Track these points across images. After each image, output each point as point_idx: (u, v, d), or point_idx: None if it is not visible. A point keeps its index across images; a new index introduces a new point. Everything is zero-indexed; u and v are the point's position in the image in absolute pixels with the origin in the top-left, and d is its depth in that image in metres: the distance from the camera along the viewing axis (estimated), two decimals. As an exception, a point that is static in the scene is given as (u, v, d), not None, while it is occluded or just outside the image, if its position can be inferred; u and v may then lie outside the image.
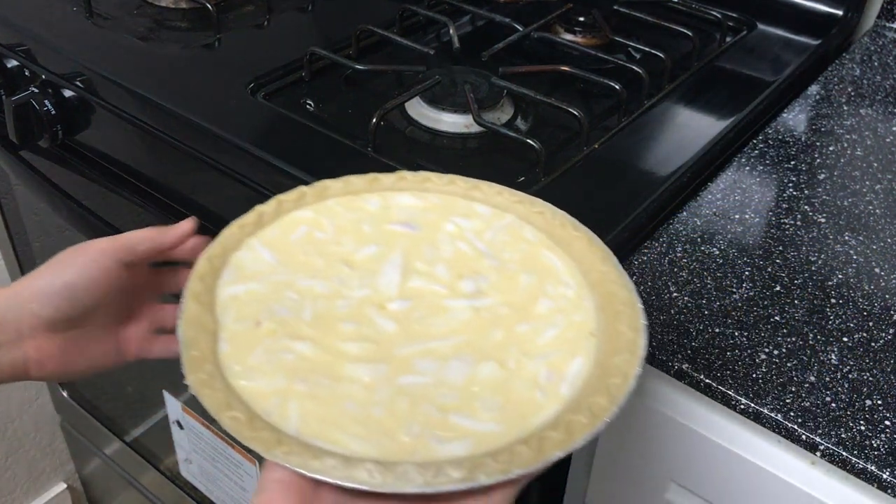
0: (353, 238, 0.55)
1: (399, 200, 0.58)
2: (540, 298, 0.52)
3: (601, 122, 0.86)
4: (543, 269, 0.54)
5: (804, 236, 0.72)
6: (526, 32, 0.96)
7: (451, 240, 0.55)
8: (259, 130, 0.80)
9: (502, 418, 0.45)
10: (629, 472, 0.71)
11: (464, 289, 0.52)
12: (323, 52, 0.89)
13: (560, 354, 0.48)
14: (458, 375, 0.47)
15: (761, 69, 0.94)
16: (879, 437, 0.55)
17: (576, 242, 0.55)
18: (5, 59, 0.96)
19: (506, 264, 0.54)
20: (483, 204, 0.58)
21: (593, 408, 0.44)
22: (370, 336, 0.49)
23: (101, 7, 1.00)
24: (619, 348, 0.48)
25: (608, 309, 0.51)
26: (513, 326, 0.50)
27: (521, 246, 0.55)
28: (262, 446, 0.42)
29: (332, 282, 0.52)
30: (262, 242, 0.54)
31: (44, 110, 0.91)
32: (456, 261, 0.53)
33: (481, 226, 0.57)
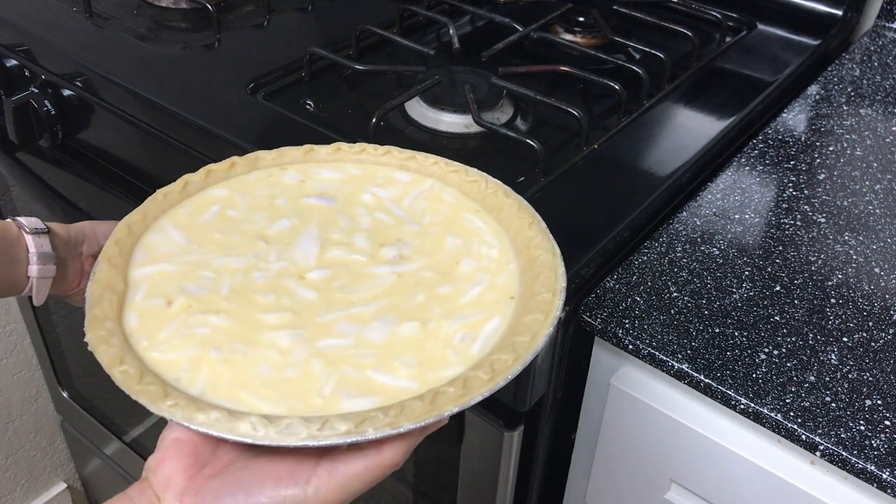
0: (266, 214, 0.55)
1: (319, 174, 0.58)
2: (464, 259, 0.53)
3: (601, 122, 0.86)
4: (467, 230, 0.55)
5: (804, 236, 0.72)
6: (526, 32, 0.96)
7: (368, 210, 0.56)
8: (259, 130, 0.80)
9: (419, 375, 0.45)
10: (629, 472, 0.71)
11: (385, 256, 0.52)
12: (323, 53, 0.89)
13: (478, 316, 0.49)
14: (379, 335, 0.48)
15: (761, 69, 0.94)
16: (879, 437, 0.55)
17: (506, 209, 0.56)
18: (5, 59, 0.96)
19: (427, 228, 0.55)
20: (415, 174, 0.59)
21: (495, 365, 0.45)
22: (290, 306, 0.49)
23: (101, 7, 1.00)
24: (533, 308, 0.48)
25: (529, 272, 0.51)
26: (435, 288, 0.51)
27: (441, 208, 0.57)
28: (147, 399, 0.43)
29: (249, 257, 0.52)
30: (173, 224, 0.55)
31: (44, 110, 0.91)
32: (375, 230, 0.54)
33: (399, 193, 0.57)
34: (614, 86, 0.84)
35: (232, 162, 0.59)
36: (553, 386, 0.69)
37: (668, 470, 0.67)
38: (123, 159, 0.93)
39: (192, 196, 0.57)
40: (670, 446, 0.66)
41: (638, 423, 0.68)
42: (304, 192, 0.57)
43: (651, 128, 0.83)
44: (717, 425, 0.62)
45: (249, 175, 0.58)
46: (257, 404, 0.43)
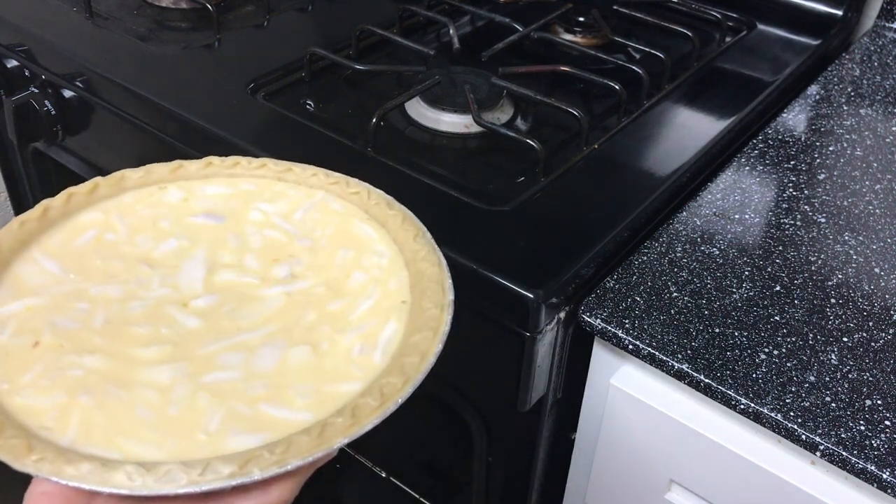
0: (150, 236, 0.52)
1: (203, 190, 0.55)
2: (354, 272, 0.51)
3: (601, 122, 0.86)
4: (358, 240, 0.53)
5: (804, 236, 0.72)
6: (526, 32, 0.96)
7: (258, 228, 0.53)
8: (259, 130, 0.80)
9: (317, 404, 0.43)
10: (629, 472, 0.71)
11: (277, 275, 0.50)
12: (323, 53, 0.89)
13: (374, 323, 0.48)
14: (268, 363, 0.45)
15: (761, 69, 0.94)
16: (879, 437, 0.55)
17: (390, 220, 0.55)
18: (5, 59, 0.96)
19: (318, 242, 0.53)
20: (296, 185, 0.57)
21: (385, 389, 0.43)
22: (169, 337, 0.46)
23: (101, 7, 1.00)
24: (421, 326, 0.47)
25: (417, 287, 0.50)
26: (326, 306, 0.49)
27: (332, 220, 0.55)
28: (10, 455, 0.39)
29: (129, 284, 0.49)
30: (44, 253, 0.51)
31: (44, 110, 0.91)
32: (266, 248, 0.52)
33: (288, 207, 0.55)
34: (614, 86, 0.84)
35: (94, 184, 0.55)
36: (553, 386, 0.69)
37: (668, 470, 0.67)
38: (124, 159, 0.93)
39: (56, 223, 0.53)
40: (670, 446, 0.66)
41: (638, 423, 0.68)
42: (189, 211, 0.54)
43: (651, 128, 0.83)
44: (717, 425, 0.62)
45: (124, 196, 0.55)
46: (138, 450, 0.41)
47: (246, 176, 0.57)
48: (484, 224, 0.69)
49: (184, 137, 0.81)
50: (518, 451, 0.75)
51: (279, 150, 0.76)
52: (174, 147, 0.82)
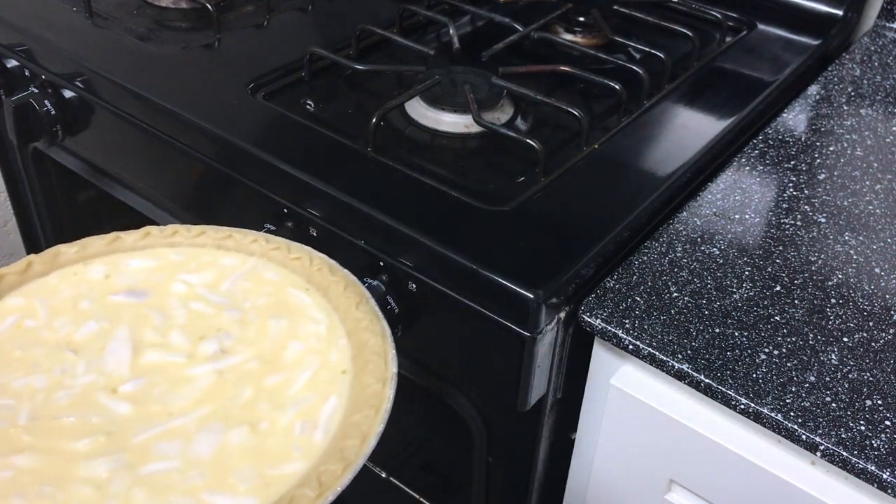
0: (69, 318, 0.49)
1: (127, 264, 0.52)
2: (290, 343, 0.49)
3: (601, 122, 0.86)
4: (293, 309, 0.51)
5: (804, 236, 0.72)
6: (526, 32, 0.96)
7: (182, 302, 0.50)
8: (259, 130, 0.80)
9: (260, 487, 0.41)
10: (629, 472, 0.71)
11: (205, 352, 0.48)
12: (323, 53, 0.89)
13: (314, 398, 0.45)
14: (206, 450, 0.43)
15: (761, 69, 0.94)
16: (879, 437, 0.55)
17: (332, 287, 0.53)
18: (5, 59, 0.96)
19: (248, 314, 0.50)
20: (234, 252, 0.54)
21: (323, 477, 0.41)
22: (100, 426, 0.43)
23: (101, 7, 1.00)
24: (362, 403, 0.45)
25: (359, 358, 0.48)
26: (262, 381, 0.46)
27: (264, 289, 0.52)
28: None
29: (54, 373, 0.46)
30: None
31: (44, 110, 0.91)
32: (192, 323, 0.49)
33: (215, 277, 0.52)
34: (614, 86, 0.84)
35: (28, 262, 0.52)
36: (553, 386, 0.69)
37: (668, 470, 0.67)
38: (123, 159, 0.93)
39: None
40: (670, 446, 0.66)
41: (638, 423, 0.68)
42: (110, 289, 0.51)
43: (651, 128, 0.83)
44: (717, 425, 0.62)
45: (50, 277, 0.52)
46: None
47: (185, 245, 0.55)
48: (484, 224, 0.69)
49: (184, 137, 0.81)
50: (518, 451, 0.75)
51: (279, 150, 0.76)
52: (174, 147, 0.82)
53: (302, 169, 0.73)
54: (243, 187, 0.78)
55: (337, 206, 0.71)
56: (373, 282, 0.69)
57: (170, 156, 0.84)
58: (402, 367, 0.78)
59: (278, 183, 0.75)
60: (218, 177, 0.80)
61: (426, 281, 0.67)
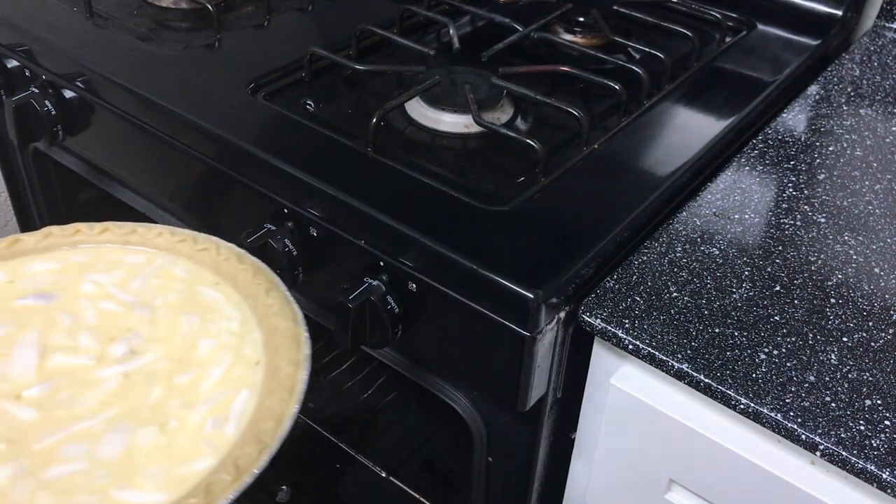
0: None
1: (30, 268, 0.51)
2: (201, 340, 0.48)
3: (601, 122, 0.86)
4: (204, 305, 0.50)
5: (804, 236, 0.72)
6: (526, 33, 0.96)
7: (92, 303, 0.50)
8: (259, 130, 0.80)
9: (169, 484, 0.41)
10: (629, 472, 0.71)
11: (115, 353, 0.47)
12: (323, 53, 0.89)
13: (225, 394, 0.45)
14: (113, 450, 0.42)
15: (761, 69, 0.94)
16: (879, 437, 0.55)
17: (241, 275, 0.53)
18: (5, 59, 0.96)
19: (159, 311, 0.50)
20: (140, 248, 0.53)
21: (240, 461, 0.41)
22: (3, 434, 0.43)
23: (101, 7, 1.00)
24: (276, 387, 0.45)
25: (271, 343, 0.48)
26: (172, 379, 0.46)
27: (175, 286, 0.51)
28: None
29: None
30: None
31: (44, 110, 0.91)
32: (102, 324, 0.48)
33: (125, 276, 0.52)
34: (614, 86, 0.84)
35: None
36: (553, 386, 0.69)
37: (668, 470, 0.67)
38: (124, 159, 0.93)
39: None
40: (670, 446, 0.66)
41: (638, 423, 0.68)
42: (15, 294, 0.49)
43: (651, 128, 0.83)
44: (717, 425, 0.62)
45: None
46: None
47: (90, 243, 0.53)
48: (484, 224, 0.69)
49: (184, 137, 0.81)
50: (518, 451, 0.75)
51: (279, 150, 0.76)
52: (174, 147, 0.82)
53: (302, 169, 0.73)
54: (243, 187, 0.78)
55: (337, 206, 0.71)
56: (373, 282, 0.69)
57: (170, 156, 0.84)
58: (402, 367, 0.79)
59: (278, 183, 0.75)
60: (218, 177, 0.80)
61: (426, 281, 0.67)
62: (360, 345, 0.72)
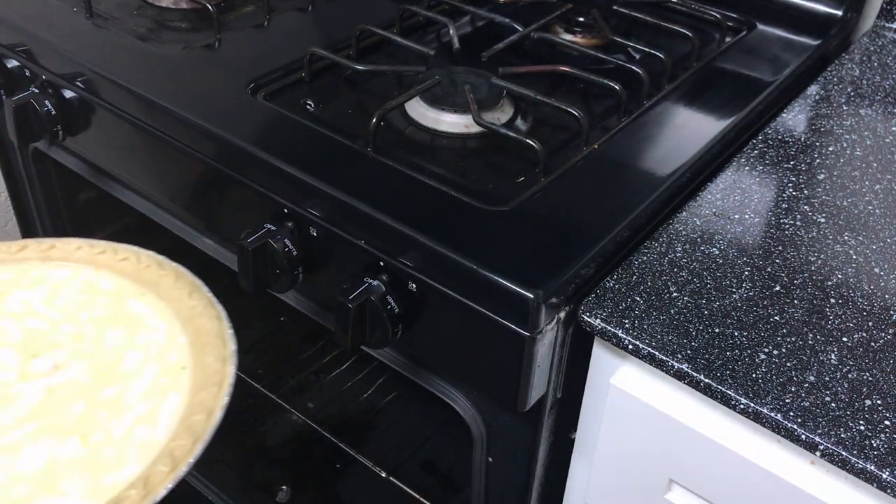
0: None
1: None
2: (127, 353, 0.49)
3: (601, 122, 0.86)
4: (130, 318, 0.51)
5: (804, 236, 0.72)
6: (526, 33, 0.96)
7: (17, 320, 0.50)
8: (259, 130, 0.80)
9: (95, 492, 0.41)
10: (629, 472, 0.71)
11: (38, 369, 0.47)
12: (323, 53, 0.89)
13: (153, 401, 0.46)
14: (34, 464, 0.42)
15: (761, 69, 0.94)
16: (879, 437, 0.55)
17: (163, 281, 0.53)
18: (5, 59, 0.96)
19: (84, 326, 0.50)
20: (61, 263, 0.54)
21: (176, 452, 0.42)
22: None
23: (101, 7, 1.00)
24: (205, 382, 0.46)
25: (197, 343, 0.49)
26: (96, 394, 0.46)
27: (100, 300, 0.52)
28: None
29: None
30: None
31: (44, 110, 0.91)
32: (26, 341, 0.49)
33: (50, 292, 0.52)
34: (614, 86, 0.84)
35: None
36: (553, 386, 0.69)
37: (668, 470, 0.68)
38: (124, 159, 0.93)
39: None
40: (670, 446, 0.66)
41: (638, 423, 0.68)
42: None
43: (651, 128, 0.83)
44: (717, 425, 0.62)
45: None
46: None
47: (9, 262, 0.54)
48: (484, 224, 0.69)
49: (184, 137, 0.81)
50: (518, 451, 0.75)
51: (279, 150, 0.76)
52: (174, 147, 0.82)
53: (302, 169, 0.73)
54: (243, 187, 0.78)
55: (337, 206, 0.71)
56: (373, 282, 0.69)
57: (170, 156, 0.84)
58: (402, 367, 0.79)
59: (278, 183, 0.75)
60: (218, 177, 0.80)
61: (426, 281, 0.67)
62: (360, 345, 0.72)
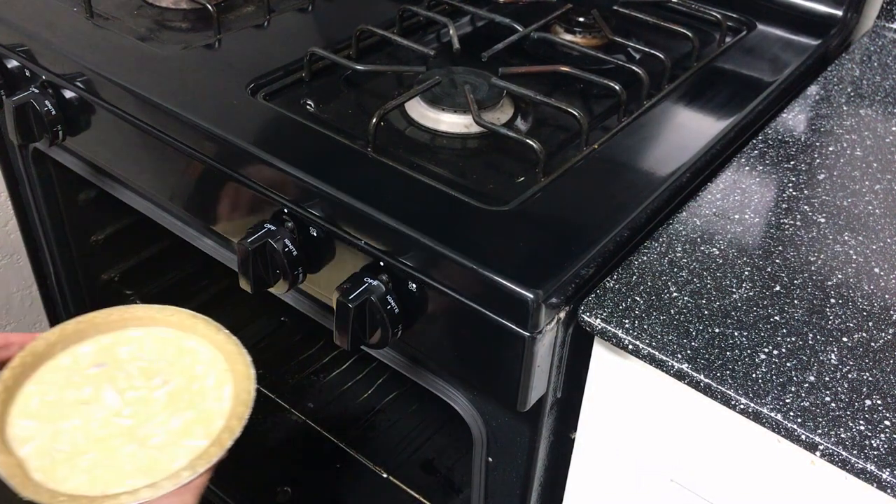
0: (73, 388, 0.74)
1: (81, 350, 0.77)
2: (196, 367, 0.76)
3: (601, 122, 0.86)
4: (189, 349, 0.78)
5: (804, 236, 0.72)
6: (526, 33, 0.96)
7: (131, 360, 0.77)
8: (259, 130, 0.80)
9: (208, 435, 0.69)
10: (629, 472, 0.71)
11: (157, 383, 0.75)
12: (323, 53, 0.89)
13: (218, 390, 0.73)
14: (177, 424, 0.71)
15: (761, 69, 0.94)
16: (879, 437, 0.55)
17: (198, 325, 0.78)
18: (5, 59, 0.96)
19: (168, 358, 0.77)
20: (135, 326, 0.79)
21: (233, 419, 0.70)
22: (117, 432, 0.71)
23: (101, 7, 1.00)
24: (241, 379, 0.72)
25: (229, 360, 0.75)
26: (192, 387, 0.74)
27: (167, 345, 0.78)
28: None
29: (80, 412, 0.72)
30: (20, 416, 0.72)
31: (44, 110, 0.91)
32: (142, 372, 0.75)
33: (138, 345, 0.78)
34: (614, 86, 0.84)
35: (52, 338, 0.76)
36: (553, 386, 0.70)
37: (668, 470, 0.68)
38: (124, 159, 0.93)
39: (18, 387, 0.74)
40: (670, 446, 0.67)
41: (638, 423, 0.68)
42: (83, 366, 0.76)
43: (651, 128, 0.83)
44: (717, 425, 0.62)
45: (40, 370, 0.76)
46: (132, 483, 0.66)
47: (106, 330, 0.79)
48: (484, 224, 0.69)
49: (184, 137, 0.81)
50: (518, 451, 0.75)
51: (279, 150, 0.76)
52: (174, 147, 0.82)
53: (302, 169, 0.73)
54: (243, 187, 0.78)
55: (337, 206, 0.71)
56: (373, 282, 0.69)
57: (170, 156, 0.84)
58: (402, 367, 0.79)
59: (278, 183, 0.75)
60: (218, 177, 0.80)
61: (426, 281, 0.67)
62: (360, 345, 0.72)
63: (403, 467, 1.25)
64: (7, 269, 1.32)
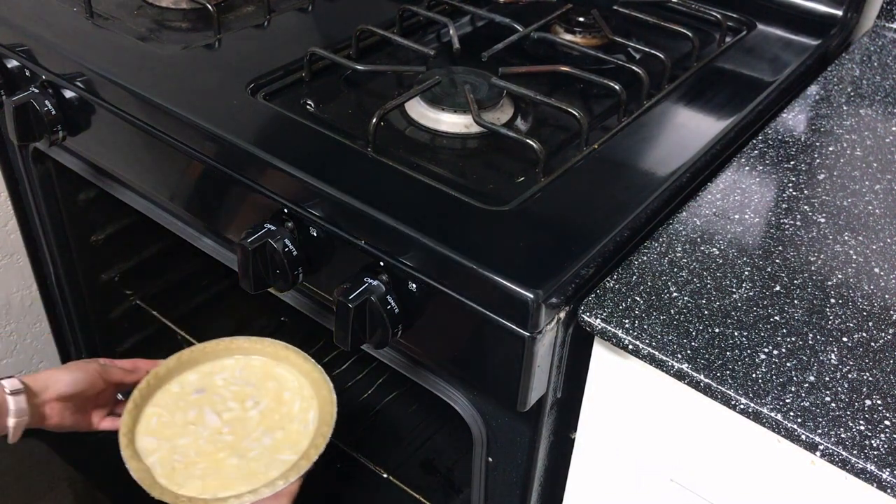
0: (181, 412, 0.93)
1: (186, 377, 0.95)
2: (284, 392, 0.94)
3: (601, 122, 0.86)
4: (279, 376, 0.95)
5: (804, 236, 0.72)
6: (526, 33, 0.96)
7: (225, 387, 0.95)
8: (259, 130, 0.80)
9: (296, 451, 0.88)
10: (629, 472, 0.71)
11: (248, 405, 0.93)
12: (323, 53, 0.89)
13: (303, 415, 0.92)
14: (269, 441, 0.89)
15: (761, 69, 0.94)
16: (879, 437, 0.55)
17: (291, 356, 0.95)
18: (6, 59, 0.96)
19: (256, 383, 0.95)
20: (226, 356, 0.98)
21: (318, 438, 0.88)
22: (221, 445, 0.90)
23: (101, 7, 1.00)
24: (325, 404, 0.90)
25: (314, 386, 0.93)
26: (281, 409, 0.92)
27: (256, 372, 0.96)
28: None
29: (189, 431, 0.91)
30: (143, 433, 0.90)
31: (44, 110, 0.91)
32: (235, 395, 0.92)
33: (230, 372, 0.96)
34: (614, 86, 0.84)
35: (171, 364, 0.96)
36: (553, 386, 0.70)
37: (668, 470, 0.68)
38: (124, 159, 0.93)
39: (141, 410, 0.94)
40: (670, 446, 0.67)
41: (638, 423, 0.68)
42: (188, 393, 0.94)
43: (651, 128, 0.83)
44: (717, 425, 0.62)
45: (158, 395, 0.95)
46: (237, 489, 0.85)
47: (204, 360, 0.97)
48: (484, 224, 0.69)
49: (184, 137, 0.81)
50: (518, 451, 0.75)
51: (279, 150, 0.76)
52: (174, 147, 0.82)
53: (302, 169, 0.73)
54: (243, 187, 0.78)
55: (337, 206, 0.71)
56: (373, 282, 0.69)
57: (170, 156, 0.84)
58: (402, 367, 0.79)
59: (278, 183, 0.75)
60: (218, 177, 0.80)
61: (426, 281, 0.67)
62: (360, 345, 0.72)
63: (403, 467, 1.25)
64: (7, 269, 1.32)
